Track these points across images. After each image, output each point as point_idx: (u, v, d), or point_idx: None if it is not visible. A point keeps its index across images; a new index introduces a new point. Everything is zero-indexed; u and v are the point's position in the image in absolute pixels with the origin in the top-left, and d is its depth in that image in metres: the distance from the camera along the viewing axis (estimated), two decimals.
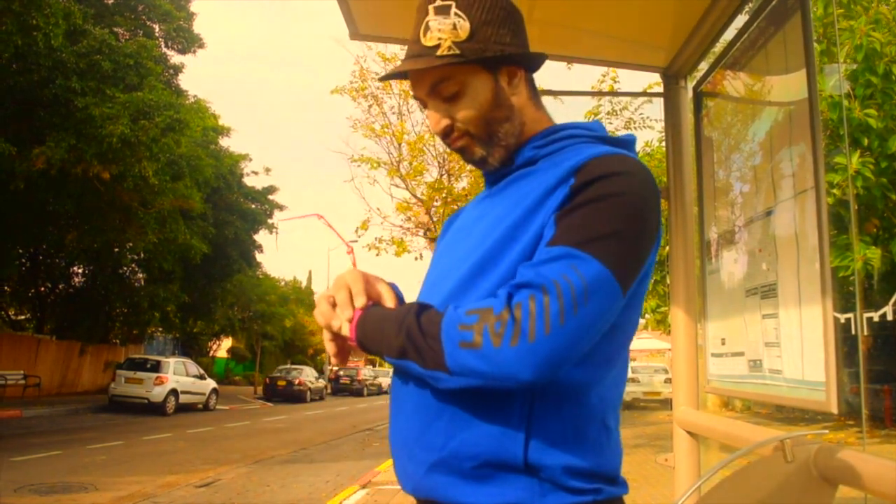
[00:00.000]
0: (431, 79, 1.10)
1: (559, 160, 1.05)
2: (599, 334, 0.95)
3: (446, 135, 1.12)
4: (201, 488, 7.52)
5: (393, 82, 13.27)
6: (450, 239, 1.21)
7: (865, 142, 8.47)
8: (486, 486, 0.97)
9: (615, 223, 0.94)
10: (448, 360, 0.92)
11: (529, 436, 0.96)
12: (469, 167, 9.07)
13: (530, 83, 1.18)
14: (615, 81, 9.89)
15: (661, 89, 2.66)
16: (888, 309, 11.30)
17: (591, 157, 1.00)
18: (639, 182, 0.98)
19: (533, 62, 1.17)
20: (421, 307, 1.00)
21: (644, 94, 4.29)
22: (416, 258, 13.74)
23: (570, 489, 0.97)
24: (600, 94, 10.43)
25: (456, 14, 1.07)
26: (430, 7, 1.08)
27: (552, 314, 0.87)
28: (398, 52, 12.12)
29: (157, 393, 17.61)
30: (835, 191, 7.82)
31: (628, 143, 1.14)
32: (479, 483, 0.97)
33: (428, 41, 1.08)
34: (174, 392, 18.18)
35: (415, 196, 13.87)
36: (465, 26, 1.07)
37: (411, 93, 1.19)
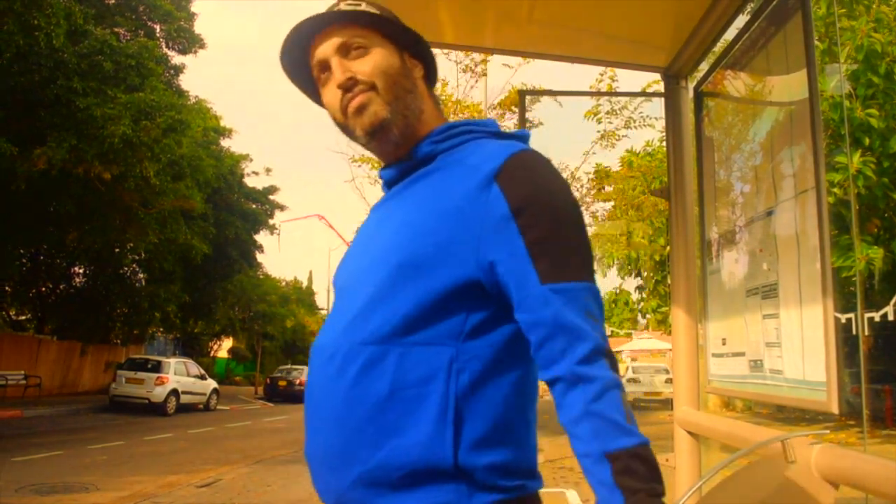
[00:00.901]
0: (343, 35, 1.11)
1: (461, 157, 1.08)
2: None
3: (349, 88, 1.09)
4: (202, 488, 7.52)
5: None
6: (356, 244, 1.19)
7: (867, 141, 8.46)
8: (414, 494, 0.95)
9: (575, 236, 1.00)
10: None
11: (458, 438, 0.95)
12: None
13: (429, 83, 1.21)
14: (613, 80, 9.88)
15: (660, 88, 2.66)
16: (889, 309, 11.28)
17: (505, 158, 1.01)
18: (559, 180, 1.04)
19: (433, 70, 1.21)
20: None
21: (645, 94, 4.29)
22: None
23: (498, 488, 0.97)
24: (600, 94, 10.43)
25: (370, 4, 1.14)
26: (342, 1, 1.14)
27: (608, 366, 0.96)
28: None
29: (158, 393, 17.61)
30: (835, 190, 7.81)
31: (523, 138, 1.15)
32: (407, 491, 0.95)
33: (346, 6, 1.12)
34: (175, 392, 18.19)
35: None
36: (379, 8, 1.14)
37: (316, 60, 1.15)
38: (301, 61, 1.19)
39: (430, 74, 1.22)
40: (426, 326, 0.98)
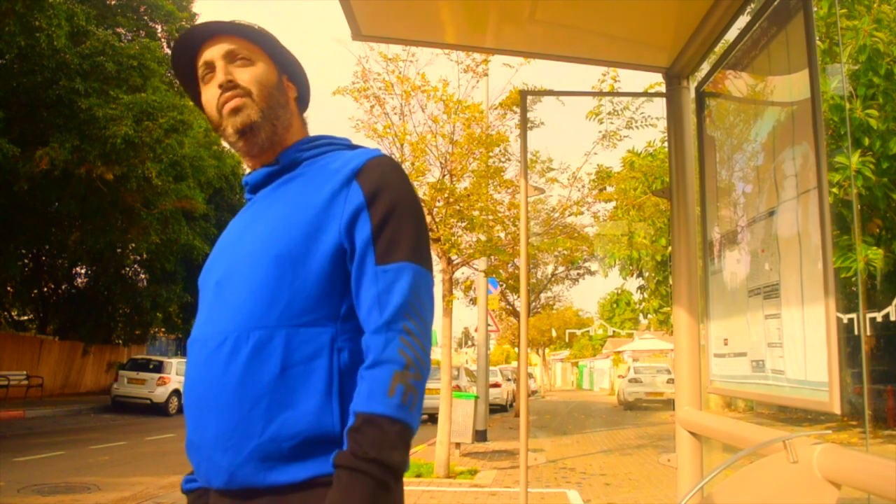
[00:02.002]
0: (233, 45, 1.25)
1: (323, 164, 1.22)
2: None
3: (228, 88, 1.22)
4: None
5: (394, 82, 13.29)
6: (225, 245, 1.27)
7: (866, 142, 8.45)
8: (304, 463, 1.05)
9: (412, 226, 1.13)
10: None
11: (343, 409, 1.07)
12: (471, 168, 9.06)
13: (300, 105, 1.36)
14: (615, 81, 9.87)
15: (662, 89, 2.66)
16: (891, 309, 11.28)
17: (365, 160, 1.16)
18: (407, 180, 1.18)
19: (305, 95, 1.37)
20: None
21: (646, 94, 4.28)
22: None
23: None
24: (602, 94, 10.43)
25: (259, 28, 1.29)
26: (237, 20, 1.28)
27: (418, 350, 1.06)
28: (400, 52, 12.09)
29: (160, 393, 17.63)
30: (834, 190, 7.81)
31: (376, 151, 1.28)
32: (298, 462, 1.05)
33: (236, 21, 1.26)
34: (177, 392, 18.19)
35: None
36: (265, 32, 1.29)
37: (203, 60, 1.27)
38: (189, 62, 1.31)
39: (303, 98, 1.37)
40: (308, 310, 1.10)
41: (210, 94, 1.26)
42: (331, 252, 1.11)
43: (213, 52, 1.25)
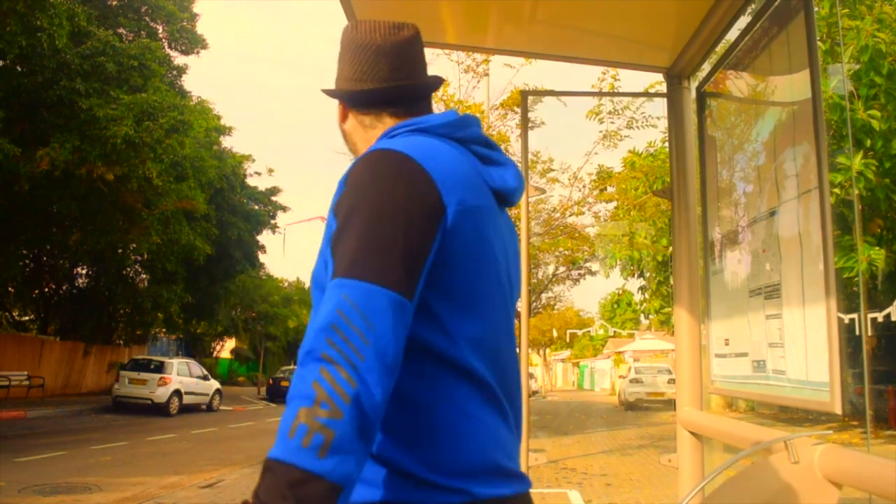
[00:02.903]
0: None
1: None
2: (400, 347, 0.92)
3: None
4: (205, 489, 7.52)
5: None
6: None
7: (868, 143, 8.44)
8: (363, 486, 0.98)
9: (363, 233, 0.94)
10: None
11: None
12: None
13: (354, 109, 1.27)
14: (615, 80, 9.87)
15: (662, 88, 2.66)
16: (892, 309, 11.27)
17: (355, 162, 1.04)
18: (382, 177, 0.99)
19: (350, 96, 1.25)
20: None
21: (647, 94, 4.28)
22: None
23: (430, 484, 0.97)
24: (603, 94, 10.43)
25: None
26: None
27: (341, 382, 0.86)
28: None
29: (161, 394, 17.63)
30: (836, 190, 7.81)
31: (430, 126, 1.13)
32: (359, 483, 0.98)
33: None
34: (178, 393, 18.20)
35: None
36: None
37: None
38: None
39: (357, 100, 1.25)
40: None
41: None
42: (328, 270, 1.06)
43: None
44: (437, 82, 1.28)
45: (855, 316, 10.54)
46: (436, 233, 0.99)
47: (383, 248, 0.93)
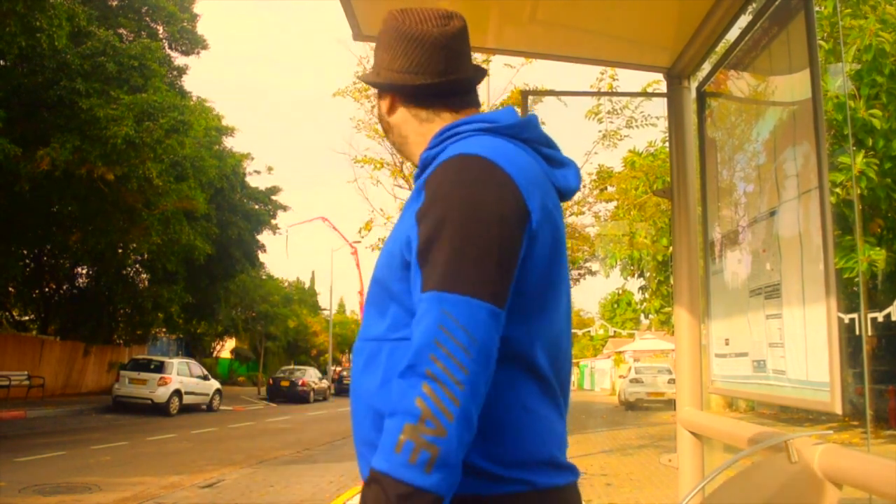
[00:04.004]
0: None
1: (437, 162, 1.09)
2: (494, 359, 0.95)
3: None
4: (205, 489, 7.53)
5: None
6: None
7: (869, 142, 8.44)
8: None
9: (456, 245, 0.95)
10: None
11: None
12: None
13: (409, 102, 1.23)
14: (614, 79, 9.86)
15: (662, 88, 2.66)
16: (893, 309, 11.27)
17: (439, 163, 1.05)
18: (471, 185, 0.99)
19: (406, 90, 1.22)
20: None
21: (648, 94, 4.29)
22: None
23: (491, 477, 1.00)
24: (603, 94, 10.42)
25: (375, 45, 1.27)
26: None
27: (443, 399, 0.89)
28: None
29: (161, 393, 17.63)
30: (837, 190, 7.80)
31: (499, 126, 1.13)
32: None
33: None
34: (178, 393, 18.21)
35: None
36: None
37: None
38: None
39: (417, 93, 1.22)
40: (403, 324, 1.05)
41: None
42: (401, 269, 1.05)
43: None
44: (483, 73, 1.29)
45: (855, 316, 10.53)
46: (523, 239, 1.01)
47: (478, 259, 0.95)
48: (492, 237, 0.96)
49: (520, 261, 1.00)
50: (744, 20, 2.06)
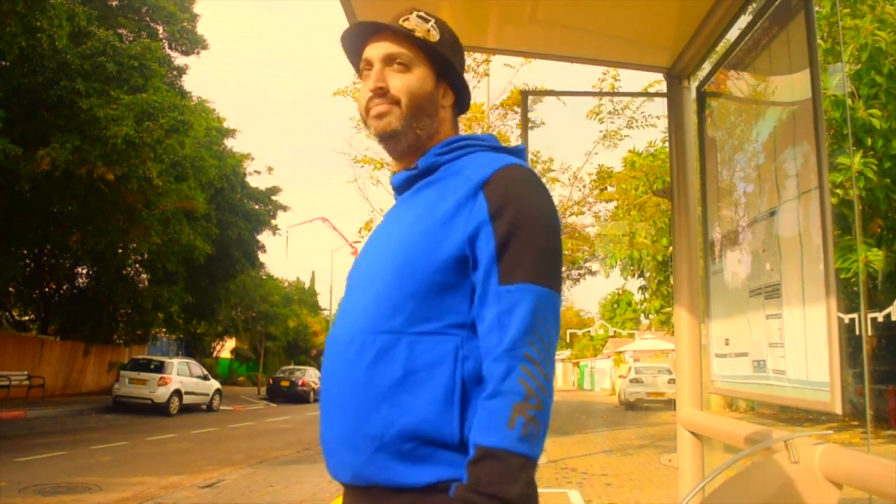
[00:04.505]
0: (393, 49, 1.25)
1: (458, 168, 1.20)
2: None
3: (377, 95, 1.23)
4: (205, 489, 7.53)
5: None
6: (368, 245, 1.30)
7: (869, 142, 8.44)
8: (426, 466, 1.07)
9: (538, 244, 1.09)
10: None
11: (463, 417, 1.07)
12: None
13: (455, 112, 1.34)
14: (616, 80, 9.86)
15: (662, 88, 2.66)
16: (892, 309, 11.27)
17: (493, 171, 1.13)
18: (538, 192, 1.14)
19: (465, 101, 1.35)
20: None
21: (647, 94, 4.29)
22: None
23: None
24: (602, 94, 10.42)
25: (433, 26, 1.28)
26: (414, 13, 1.27)
27: (540, 378, 1.03)
28: None
29: (161, 393, 17.63)
30: (837, 191, 7.80)
31: (518, 152, 1.26)
32: (420, 464, 1.07)
33: (405, 24, 1.25)
34: (178, 393, 18.20)
35: None
36: (436, 35, 1.28)
37: (364, 56, 1.28)
38: (355, 49, 1.32)
39: (461, 105, 1.35)
40: (432, 318, 1.11)
41: (363, 92, 1.27)
42: (453, 264, 1.11)
43: (374, 52, 1.26)
44: None
45: (855, 316, 10.53)
46: None
47: (554, 259, 1.11)
48: (559, 241, 1.14)
49: None
50: (744, 20, 2.06)
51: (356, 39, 1.30)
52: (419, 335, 1.10)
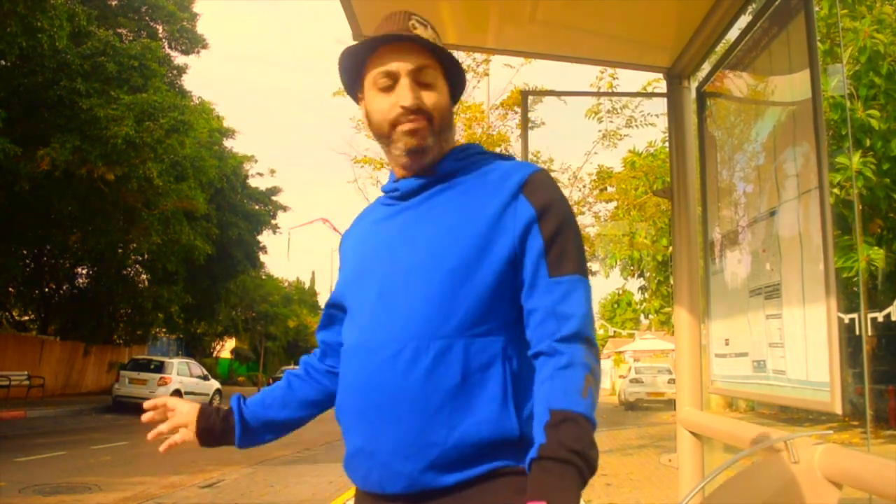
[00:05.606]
0: (421, 61, 1.23)
1: (480, 173, 1.25)
2: None
3: (413, 111, 1.21)
4: (205, 489, 7.53)
5: None
6: (372, 249, 1.28)
7: (867, 142, 8.44)
8: (483, 463, 1.11)
9: (577, 240, 1.19)
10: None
11: (519, 413, 1.12)
12: None
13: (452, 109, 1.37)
14: (613, 78, 9.85)
15: (661, 87, 2.66)
16: (892, 309, 11.27)
17: (528, 175, 1.20)
18: (564, 195, 1.24)
19: (458, 99, 1.38)
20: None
21: (648, 94, 4.29)
22: None
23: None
24: (603, 94, 10.42)
25: (432, 31, 1.28)
26: (413, 18, 1.26)
27: (595, 360, 1.12)
28: None
29: (161, 393, 17.61)
30: (835, 191, 7.80)
31: (513, 160, 1.33)
32: (478, 462, 1.10)
33: (421, 33, 1.23)
34: (178, 393, 18.19)
35: None
36: (439, 41, 1.27)
37: (386, 67, 1.23)
38: (362, 55, 1.27)
39: (455, 102, 1.38)
40: (483, 320, 1.14)
41: (383, 104, 1.24)
42: (503, 264, 1.16)
43: (402, 65, 1.22)
44: None
45: (855, 316, 10.52)
46: None
47: (584, 250, 1.21)
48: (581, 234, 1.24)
49: None
50: (744, 20, 2.06)
51: (366, 49, 1.26)
52: (472, 338, 1.13)
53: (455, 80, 1.31)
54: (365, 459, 1.17)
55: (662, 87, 2.67)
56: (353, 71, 1.29)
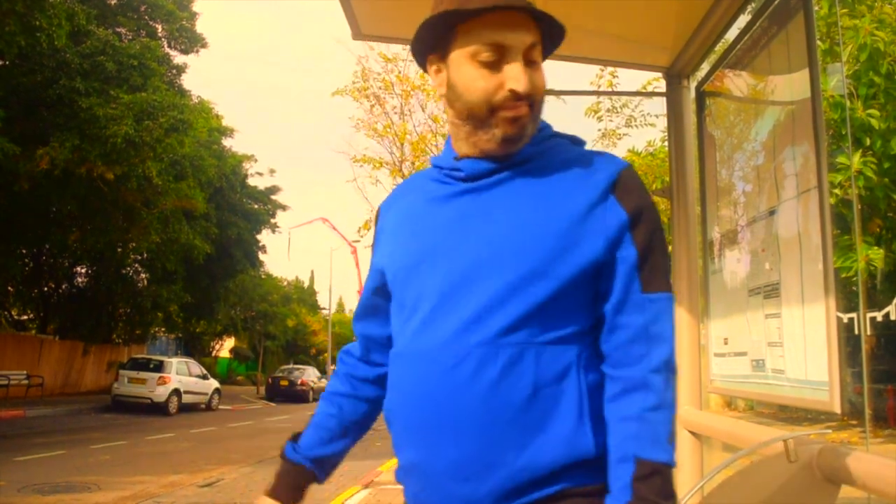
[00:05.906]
0: (533, 37, 1.06)
1: (562, 162, 1.10)
2: None
3: (522, 98, 1.04)
4: (204, 488, 7.53)
5: (394, 82, 13.30)
6: (432, 236, 1.10)
7: (867, 142, 8.44)
8: (554, 484, 1.00)
9: (666, 252, 1.09)
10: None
11: (595, 430, 1.01)
12: None
13: None
14: (614, 76, 9.87)
15: (661, 87, 2.66)
16: (891, 308, 11.27)
17: (618, 173, 1.07)
18: (652, 197, 1.12)
19: None
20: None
21: (647, 93, 4.29)
22: None
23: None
24: (603, 93, 10.43)
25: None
26: None
27: (675, 389, 1.04)
28: (400, 51, 12.02)
29: (160, 393, 17.62)
30: (836, 191, 7.80)
31: (582, 143, 1.19)
32: (549, 483, 1.00)
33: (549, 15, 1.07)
34: (177, 392, 18.20)
35: None
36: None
37: (497, 39, 1.03)
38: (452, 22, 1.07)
39: None
40: (557, 326, 1.02)
41: (488, 83, 1.04)
42: (587, 270, 1.02)
43: (518, 41, 1.04)
44: None
45: (854, 315, 10.52)
46: None
47: (670, 261, 1.11)
48: None
49: None
50: (743, 20, 2.06)
51: (468, 13, 1.04)
52: (544, 345, 1.00)
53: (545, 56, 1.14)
54: (419, 478, 1.06)
55: (662, 86, 2.67)
56: (438, 32, 1.08)
